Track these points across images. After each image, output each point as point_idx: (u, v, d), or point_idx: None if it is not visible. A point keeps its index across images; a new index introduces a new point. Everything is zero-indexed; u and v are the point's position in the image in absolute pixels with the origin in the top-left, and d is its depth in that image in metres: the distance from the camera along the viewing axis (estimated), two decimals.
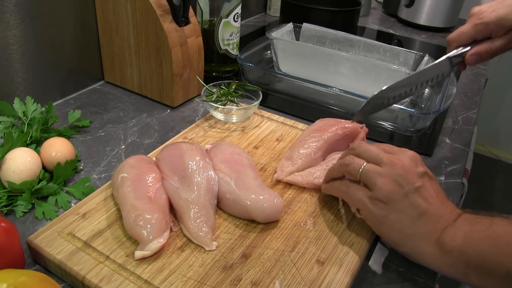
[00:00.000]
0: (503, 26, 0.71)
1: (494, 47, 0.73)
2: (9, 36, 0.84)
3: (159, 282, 0.54)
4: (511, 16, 0.70)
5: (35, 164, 0.70)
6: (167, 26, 0.89)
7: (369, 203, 0.60)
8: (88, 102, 0.98)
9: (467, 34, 0.74)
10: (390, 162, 0.59)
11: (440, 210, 0.57)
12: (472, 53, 0.74)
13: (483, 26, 0.72)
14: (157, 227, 0.58)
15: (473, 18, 0.73)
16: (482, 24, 0.72)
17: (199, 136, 0.84)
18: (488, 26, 0.71)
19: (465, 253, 0.53)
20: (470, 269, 0.53)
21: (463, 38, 0.74)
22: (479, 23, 0.72)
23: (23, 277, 0.45)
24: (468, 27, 0.73)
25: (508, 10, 0.70)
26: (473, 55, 0.74)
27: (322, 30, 1.18)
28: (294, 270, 0.58)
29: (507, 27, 0.71)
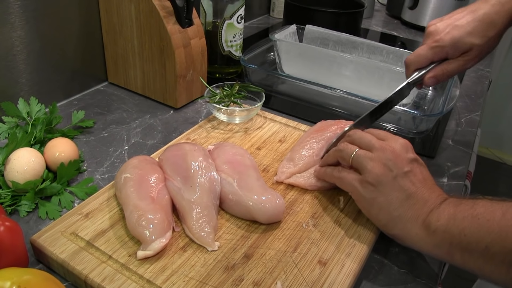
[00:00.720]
0: (458, 48, 0.73)
1: (451, 69, 0.75)
2: (14, 37, 0.84)
3: (161, 282, 0.55)
4: (466, 39, 0.72)
5: (39, 164, 0.70)
6: (170, 27, 0.89)
7: (359, 186, 0.62)
8: (91, 103, 0.99)
9: (425, 56, 0.76)
10: (381, 147, 0.62)
11: (427, 194, 0.59)
12: (430, 76, 0.76)
13: (440, 49, 0.74)
14: (160, 227, 0.58)
15: (429, 40, 0.76)
16: (438, 47, 0.74)
17: (202, 137, 0.85)
18: (444, 49, 0.74)
19: (449, 232, 0.54)
20: (453, 248, 0.54)
21: (421, 60, 0.76)
22: (436, 45, 0.74)
23: (26, 276, 0.45)
24: (425, 49, 0.76)
25: (462, 32, 0.73)
26: (431, 78, 0.77)
27: (325, 32, 1.18)
28: (296, 271, 0.58)
29: (462, 50, 0.73)
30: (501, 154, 3.01)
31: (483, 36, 0.73)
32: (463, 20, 0.74)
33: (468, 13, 0.75)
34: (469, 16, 0.74)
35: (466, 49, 0.73)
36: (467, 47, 0.73)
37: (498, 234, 0.50)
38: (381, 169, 0.60)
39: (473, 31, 0.73)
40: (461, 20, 0.74)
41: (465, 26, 0.73)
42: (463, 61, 0.75)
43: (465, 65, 0.75)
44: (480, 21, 0.73)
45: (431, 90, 1.12)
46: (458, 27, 0.73)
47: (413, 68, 0.78)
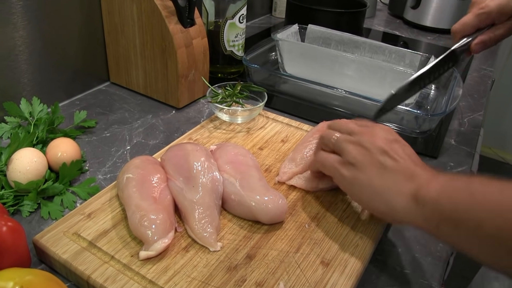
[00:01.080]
0: (504, 13, 0.72)
1: (498, 34, 0.75)
2: (16, 37, 0.84)
3: (163, 282, 0.54)
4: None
5: (41, 164, 0.70)
6: (172, 27, 0.89)
7: (339, 167, 0.61)
8: (93, 103, 0.99)
9: (471, 24, 0.75)
10: (360, 131, 0.62)
11: (412, 167, 0.57)
12: (477, 42, 0.76)
13: (486, 15, 0.73)
14: (162, 227, 0.58)
15: (474, 8, 0.75)
16: (484, 14, 0.73)
17: (204, 137, 0.85)
18: (490, 15, 0.73)
19: (439, 204, 0.51)
20: (442, 221, 0.51)
21: (467, 29, 0.76)
22: (482, 12, 0.74)
23: (29, 276, 0.45)
24: (471, 17, 0.75)
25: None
26: (478, 44, 0.76)
27: (327, 32, 1.18)
28: (299, 271, 0.58)
29: (508, 14, 0.72)
30: (504, 154, 3.00)
31: None
32: None
33: None
34: None
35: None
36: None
37: (492, 211, 0.46)
38: (359, 149, 0.60)
39: None
40: None
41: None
42: (510, 25, 0.74)
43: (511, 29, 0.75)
44: None
45: (433, 90, 1.12)
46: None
47: (459, 36, 0.77)
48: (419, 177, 0.56)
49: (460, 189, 0.51)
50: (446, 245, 0.64)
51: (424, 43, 1.59)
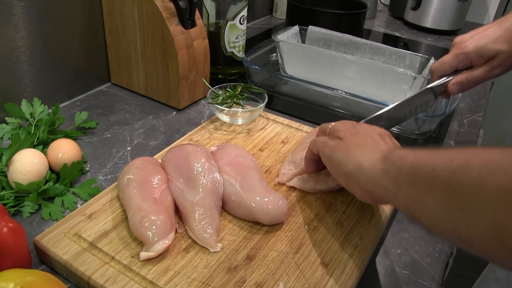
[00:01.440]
0: (482, 55, 0.73)
1: (475, 76, 0.75)
2: (18, 38, 0.84)
3: (164, 283, 0.55)
4: (490, 46, 0.72)
5: (42, 165, 0.71)
6: (173, 28, 0.89)
7: (327, 140, 0.64)
8: (94, 104, 0.99)
9: (449, 63, 0.76)
10: (351, 122, 0.65)
11: (391, 142, 0.60)
12: (454, 82, 0.76)
13: (464, 56, 0.74)
14: (163, 228, 0.58)
15: (454, 48, 0.76)
16: (462, 54, 0.74)
17: (204, 138, 0.85)
18: (468, 56, 0.74)
19: (401, 158, 0.51)
20: (401, 174, 0.50)
21: (445, 68, 0.77)
22: (460, 53, 0.75)
23: (30, 277, 0.46)
24: (450, 57, 0.76)
25: (487, 40, 0.73)
26: (454, 85, 0.76)
27: (328, 33, 1.18)
28: (298, 272, 0.58)
29: (486, 57, 0.73)
30: None
31: (509, 42, 0.72)
32: (489, 30, 0.74)
33: (494, 24, 0.75)
34: (495, 27, 0.74)
35: (490, 55, 0.73)
36: (492, 53, 0.73)
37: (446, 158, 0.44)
38: (347, 126, 0.63)
39: (498, 38, 0.73)
40: (487, 31, 0.74)
41: (490, 34, 0.73)
42: (488, 68, 0.74)
43: (490, 72, 0.75)
44: (506, 30, 0.73)
45: None
46: (483, 35, 0.74)
47: (437, 75, 0.78)
48: (395, 145, 0.59)
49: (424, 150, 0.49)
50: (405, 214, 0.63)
51: (424, 44, 1.59)
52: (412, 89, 0.99)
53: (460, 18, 1.68)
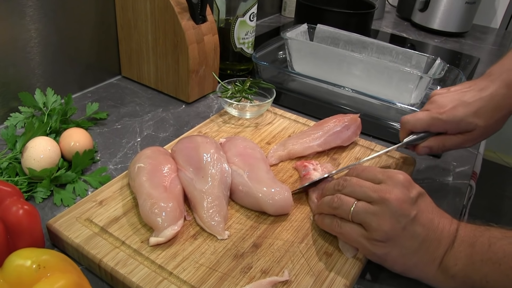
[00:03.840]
0: (459, 127, 0.70)
1: (448, 145, 0.73)
2: (32, 29, 0.86)
3: (172, 268, 0.56)
4: (469, 119, 0.69)
5: (54, 153, 0.73)
6: (184, 23, 0.91)
7: (367, 244, 0.57)
8: (105, 96, 1.01)
9: (423, 122, 0.72)
10: (381, 199, 0.56)
11: (439, 233, 0.56)
12: (425, 145, 0.73)
13: (441, 122, 0.70)
14: (172, 215, 0.60)
15: (433, 109, 0.72)
16: (440, 121, 0.70)
17: (213, 131, 0.87)
18: (445, 124, 0.70)
19: (469, 277, 0.54)
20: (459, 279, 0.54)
21: (417, 125, 0.73)
22: (437, 118, 0.70)
23: (45, 256, 0.47)
24: (425, 117, 0.72)
25: (467, 111, 0.69)
26: (424, 148, 0.74)
27: (336, 32, 1.20)
28: (303, 261, 0.60)
29: (463, 129, 0.70)
30: (508, 158, 3.01)
31: (489, 118, 0.69)
32: (470, 95, 0.70)
33: (475, 90, 0.71)
34: (476, 94, 0.70)
35: (468, 129, 0.70)
36: (470, 127, 0.70)
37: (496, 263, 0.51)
38: (388, 225, 0.55)
39: (478, 112, 0.69)
40: (467, 95, 0.70)
41: (471, 104, 0.69)
42: (462, 140, 0.72)
43: (464, 143, 0.72)
44: (486, 102, 0.69)
45: None
46: (464, 103, 0.70)
47: (408, 128, 0.74)
48: (444, 243, 0.56)
49: (484, 258, 0.53)
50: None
51: (431, 45, 1.60)
52: (417, 89, 1.00)
53: (467, 21, 1.69)
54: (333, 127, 0.83)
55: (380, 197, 0.56)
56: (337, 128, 0.83)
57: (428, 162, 0.89)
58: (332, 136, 0.82)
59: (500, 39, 1.80)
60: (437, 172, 0.87)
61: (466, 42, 1.68)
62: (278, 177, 0.75)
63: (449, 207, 0.77)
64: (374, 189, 0.57)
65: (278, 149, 0.80)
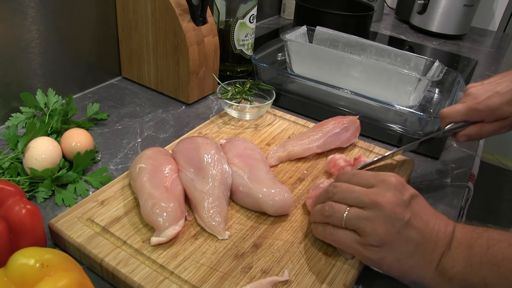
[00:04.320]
0: (495, 115, 0.73)
1: (485, 132, 0.75)
2: (34, 30, 0.87)
3: (173, 267, 0.57)
4: (504, 108, 0.72)
5: (56, 153, 0.73)
6: (185, 25, 0.92)
7: (362, 250, 0.57)
8: (106, 97, 1.02)
9: (460, 114, 0.76)
10: (373, 203, 0.56)
11: (434, 235, 0.56)
12: (464, 134, 0.77)
13: (477, 112, 0.74)
14: (173, 215, 0.61)
15: (468, 101, 0.75)
16: (476, 111, 0.74)
17: (213, 132, 0.87)
18: (482, 113, 0.74)
19: (467, 279, 0.53)
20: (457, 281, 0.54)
21: (456, 117, 0.76)
22: (474, 108, 0.74)
23: (48, 255, 0.48)
24: (463, 108, 0.75)
25: (502, 100, 0.72)
26: (463, 136, 0.77)
27: (335, 34, 1.21)
28: (303, 261, 0.60)
29: (498, 116, 0.73)
30: (506, 161, 3.02)
31: None
32: (503, 85, 0.73)
33: (508, 81, 0.74)
34: (509, 85, 0.73)
35: (503, 116, 0.73)
36: (505, 114, 0.73)
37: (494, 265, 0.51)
38: (382, 229, 0.55)
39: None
40: (501, 86, 0.74)
41: (505, 94, 0.73)
42: (498, 126, 0.74)
43: (499, 130, 0.75)
44: None
45: (437, 94, 1.14)
46: (498, 94, 0.73)
47: (447, 121, 0.78)
48: (441, 244, 0.55)
49: (482, 260, 0.52)
50: None
51: (430, 48, 1.61)
52: (416, 91, 1.01)
53: (465, 23, 1.70)
54: (332, 129, 0.83)
55: (372, 201, 0.56)
56: (336, 130, 0.83)
57: (426, 164, 0.90)
58: (331, 138, 0.83)
59: (498, 41, 1.81)
60: (435, 174, 0.87)
61: (464, 44, 1.69)
62: (278, 178, 0.76)
63: (447, 209, 0.78)
64: (366, 193, 0.57)
65: (278, 150, 0.81)
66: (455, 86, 1.04)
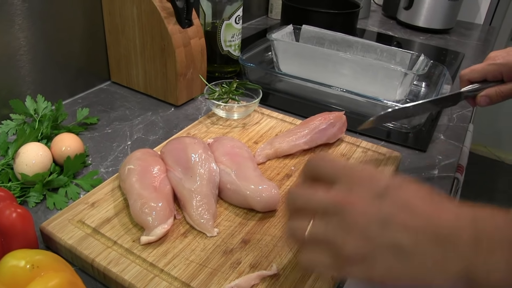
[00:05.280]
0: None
1: (505, 91, 0.74)
2: (21, 37, 0.88)
3: (163, 265, 0.58)
4: None
5: (46, 158, 0.74)
6: (171, 27, 0.93)
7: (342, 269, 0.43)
8: (95, 101, 1.03)
9: (479, 71, 0.75)
10: (337, 206, 0.43)
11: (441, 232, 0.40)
12: (483, 94, 0.75)
13: (495, 67, 0.73)
14: (162, 214, 0.62)
15: (488, 60, 0.75)
16: (494, 65, 0.73)
17: (201, 132, 0.88)
18: (500, 68, 0.73)
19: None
20: None
21: (474, 75, 0.76)
22: (492, 63, 0.73)
23: (38, 256, 0.49)
24: (481, 66, 0.75)
25: None
26: (483, 97, 0.75)
27: (321, 32, 1.22)
28: (291, 255, 0.61)
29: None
30: (499, 152, 3.04)
31: None
32: None
33: None
34: None
35: None
36: None
37: None
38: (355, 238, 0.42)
39: None
40: None
41: None
42: None
43: None
44: None
45: (424, 87, 1.16)
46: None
47: (465, 78, 0.77)
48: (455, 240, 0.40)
49: None
50: None
51: (417, 43, 1.63)
52: (402, 85, 1.02)
53: (451, 17, 1.72)
54: (319, 125, 0.85)
55: (335, 204, 0.44)
56: (322, 126, 0.85)
57: (413, 157, 0.91)
58: (318, 134, 0.84)
59: (484, 34, 1.83)
60: (423, 166, 0.89)
61: (451, 38, 1.71)
62: (265, 175, 0.77)
63: None
64: (328, 196, 0.45)
65: (265, 147, 0.82)
66: (440, 78, 1.05)
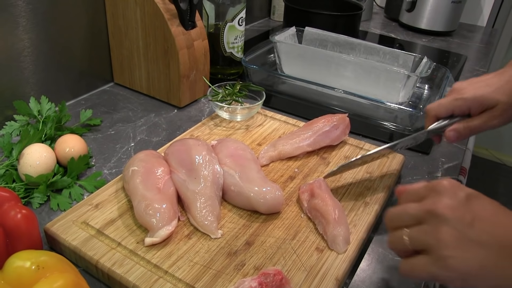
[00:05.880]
0: (481, 104, 0.70)
1: (473, 126, 0.72)
2: (26, 39, 0.88)
3: (167, 267, 0.58)
4: (490, 95, 0.69)
5: (50, 159, 0.74)
6: (174, 29, 0.93)
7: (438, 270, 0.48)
8: (98, 103, 1.03)
9: (446, 106, 0.73)
10: (428, 213, 0.50)
11: None
12: (451, 129, 0.73)
13: (462, 102, 0.71)
14: (166, 215, 0.62)
15: (453, 94, 0.73)
16: (461, 100, 0.71)
17: (205, 134, 0.88)
18: (467, 102, 0.71)
19: None
20: None
21: (441, 110, 0.74)
22: (459, 98, 0.71)
23: (43, 257, 0.49)
24: (447, 101, 0.73)
25: (489, 90, 0.70)
26: (451, 131, 0.73)
27: (323, 34, 1.22)
28: (295, 257, 0.61)
29: (485, 106, 0.70)
30: (501, 155, 3.04)
31: (509, 94, 0.69)
32: (489, 80, 0.71)
33: (495, 75, 0.72)
34: (496, 78, 0.71)
35: (490, 105, 0.69)
36: (492, 103, 0.69)
37: None
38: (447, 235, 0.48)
39: (499, 89, 0.69)
40: (487, 81, 0.71)
41: (490, 84, 0.70)
42: (487, 118, 0.70)
43: (488, 122, 0.71)
44: (507, 81, 0.70)
45: (427, 90, 1.16)
46: (483, 85, 0.71)
47: (432, 114, 0.75)
48: None
49: None
50: None
51: (419, 45, 1.63)
52: (405, 87, 1.02)
53: (454, 20, 1.72)
54: (322, 127, 0.85)
55: (427, 212, 0.50)
56: (326, 128, 0.85)
57: (417, 159, 0.91)
58: (321, 136, 0.84)
59: (487, 37, 1.82)
60: (426, 169, 0.89)
61: (453, 40, 1.71)
62: (269, 177, 0.77)
63: None
64: (419, 207, 0.51)
65: (269, 150, 0.82)
66: (443, 81, 1.05)
